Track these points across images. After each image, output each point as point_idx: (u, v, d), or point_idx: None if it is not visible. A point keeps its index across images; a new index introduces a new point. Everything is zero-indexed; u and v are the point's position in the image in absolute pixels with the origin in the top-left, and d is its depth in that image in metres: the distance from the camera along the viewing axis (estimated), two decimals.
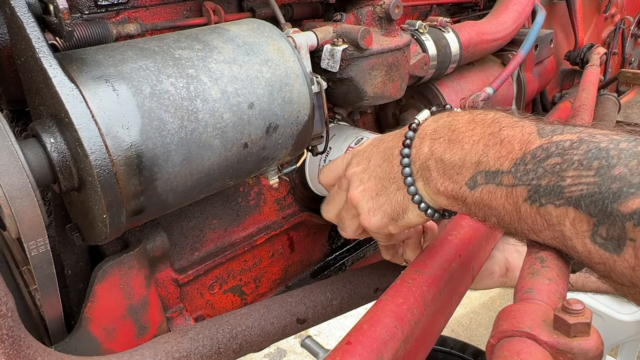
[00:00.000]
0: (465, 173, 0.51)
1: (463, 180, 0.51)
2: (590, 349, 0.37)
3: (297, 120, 0.65)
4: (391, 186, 0.60)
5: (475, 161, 0.50)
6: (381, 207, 0.62)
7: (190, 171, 0.55)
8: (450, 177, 0.52)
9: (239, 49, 0.60)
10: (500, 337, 0.40)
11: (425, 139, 0.56)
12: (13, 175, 0.45)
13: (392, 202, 0.60)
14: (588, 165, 0.41)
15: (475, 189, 0.50)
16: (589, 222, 0.40)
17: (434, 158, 0.54)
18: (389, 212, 0.61)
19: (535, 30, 1.11)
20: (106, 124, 0.47)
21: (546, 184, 0.43)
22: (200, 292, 0.81)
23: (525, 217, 0.46)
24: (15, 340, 0.48)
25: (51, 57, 0.46)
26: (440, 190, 0.54)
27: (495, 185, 0.48)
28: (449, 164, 0.52)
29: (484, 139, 0.50)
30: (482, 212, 0.51)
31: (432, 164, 0.54)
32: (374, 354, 0.53)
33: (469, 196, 0.50)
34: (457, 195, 0.52)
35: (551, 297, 0.42)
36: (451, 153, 0.52)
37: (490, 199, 0.48)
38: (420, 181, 0.56)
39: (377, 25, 0.79)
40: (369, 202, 0.63)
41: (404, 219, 0.61)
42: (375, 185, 0.62)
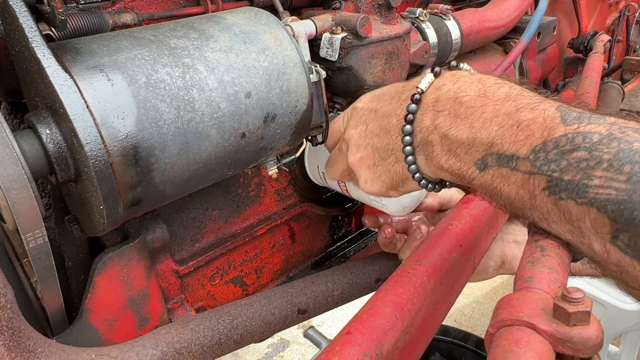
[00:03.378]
0: (474, 153, 0.47)
1: (472, 160, 0.47)
2: (590, 337, 0.37)
3: (296, 109, 0.64)
4: (389, 158, 0.58)
5: (487, 142, 0.46)
6: (379, 177, 0.60)
7: (187, 162, 0.54)
8: (456, 154, 0.49)
9: (236, 37, 0.59)
10: (499, 326, 0.40)
11: (427, 110, 0.51)
12: (8, 167, 0.44)
13: (390, 173, 0.58)
14: (619, 168, 0.38)
15: (486, 170, 0.46)
16: (611, 227, 0.38)
17: (437, 132, 0.50)
18: (387, 182, 0.59)
19: (538, 17, 1.09)
20: (101, 114, 0.47)
21: (570, 179, 0.40)
22: (201, 283, 0.81)
23: (540, 206, 0.43)
24: (15, 332, 0.48)
25: (44, 46, 0.46)
26: (444, 167, 0.51)
27: (510, 169, 0.44)
28: (455, 141, 0.48)
29: (497, 119, 0.46)
30: (489, 193, 0.48)
31: (435, 139, 0.50)
32: (374, 344, 0.53)
33: (477, 177, 0.48)
34: (463, 174, 0.49)
35: (551, 286, 0.42)
36: (457, 130, 0.48)
37: (502, 183, 0.46)
38: (421, 155, 0.53)
39: (377, 13, 0.78)
40: (366, 171, 0.61)
41: (402, 187, 0.60)
42: (373, 155, 0.59)
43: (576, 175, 0.40)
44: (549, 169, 0.42)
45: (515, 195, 0.45)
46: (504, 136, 0.45)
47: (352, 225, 1.07)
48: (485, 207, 0.78)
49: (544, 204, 0.43)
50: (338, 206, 1.00)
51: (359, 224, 1.09)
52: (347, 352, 0.51)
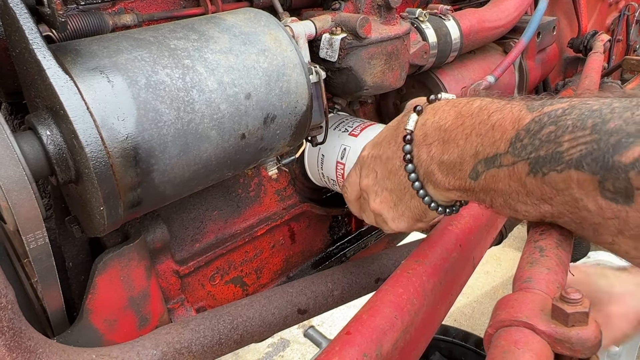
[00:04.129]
0: (466, 167, 0.52)
1: (465, 174, 0.52)
2: (588, 338, 0.37)
3: (295, 110, 0.64)
4: (405, 196, 0.62)
5: (472, 153, 0.51)
6: (403, 214, 0.64)
7: (187, 162, 0.54)
8: (454, 174, 0.54)
9: (236, 38, 0.59)
10: (498, 326, 0.40)
11: (421, 146, 0.57)
12: (9, 168, 0.45)
13: (411, 208, 0.62)
14: (582, 125, 0.41)
15: (479, 178, 0.51)
16: (593, 181, 0.40)
17: (434, 162, 0.55)
18: (411, 216, 0.63)
19: (538, 17, 1.09)
20: (101, 115, 0.47)
21: (545, 154, 0.43)
22: (202, 283, 0.81)
23: (532, 189, 0.46)
24: (16, 332, 0.49)
25: (45, 48, 0.46)
26: (449, 188, 0.55)
27: (497, 168, 0.48)
28: (449, 163, 0.53)
29: (475, 130, 0.50)
30: (489, 197, 0.51)
31: (434, 168, 0.55)
32: (374, 344, 0.53)
33: (475, 186, 0.52)
34: (465, 187, 0.53)
35: (550, 287, 0.42)
36: (448, 153, 0.53)
37: (495, 182, 0.49)
38: (429, 185, 0.58)
39: (376, 14, 0.78)
40: (389, 212, 0.64)
41: (427, 218, 0.63)
42: (390, 197, 0.64)
43: (549, 148, 0.43)
44: (526, 153, 0.45)
45: (509, 189, 0.48)
46: (484, 142, 0.49)
47: (352, 225, 1.08)
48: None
49: (534, 186, 0.45)
50: (338, 206, 1.00)
51: (359, 224, 1.09)
52: (346, 352, 0.51)
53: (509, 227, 1.14)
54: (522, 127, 0.46)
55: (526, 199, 0.47)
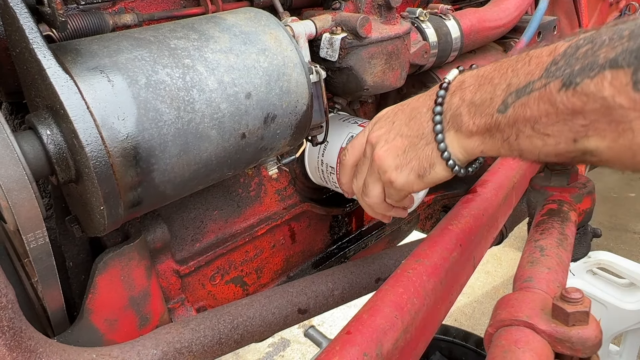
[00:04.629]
0: (496, 102, 0.52)
1: (494, 109, 0.52)
2: (588, 337, 0.37)
3: (296, 110, 0.64)
4: (420, 142, 0.61)
5: (504, 87, 0.51)
6: (409, 163, 0.62)
7: (187, 162, 0.54)
8: (481, 113, 0.54)
9: (236, 38, 0.59)
10: (498, 326, 0.40)
11: (455, 91, 0.57)
12: (9, 168, 0.45)
13: (419, 157, 0.61)
14: (619, 35, 0.41)
15: (507, 109, 0.50)
16: (626, 74, 0.41)
17: (465, 104, 0.55)
18: (416, 168, 0.61)
19: (538, 16, 1.09)
20: (102, 115, 0.47)
21: (580, 67, 0.44)
22: (202, 283, 0.81)
23: (562, 106, 0.45)
24: (16, 332, 0.48)
25: (45, 48, 0.46)
26: (473, 131, 0.55)
27: (527, 95, 0.48)
28: (480, 102, 0.53)
29: (512, 67, 0.51)
30: (515, 130, 0.51)
31: (463, 110, 0.55)
32: (374, 344, 0.53)
33: (502, 120, 0.51)
34: (490, 125, 0.53)
35: (550, 286, 0.42)
36: (481, 93, 0.53)
37: (523, 109, 0.49)
38: (450, 131, 0.57)
39: (377, 13, 0.78)
40: (395, 159, 0.63)
41: (430, 175, 0.61)
42: (402, 143, 0.62)
43: (585, 62, 0.43)
44: (560, 73, 0.45)
45: (538, 112, 0.47)
46: (519, 74, 0.49)
47: (352, 225, 1.08)
48: (486, 207, 0.78)
49: (564, 102, 0.45)
50: (338, 206, 1.00)
51: (359, 224, 1.09)
52: (347, 351, 0.51)
53: (509, 226, 1.14)
54: (559, 53, 0.46)
55: (555, 120, 0.46)
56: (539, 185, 0.77)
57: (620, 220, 2.85)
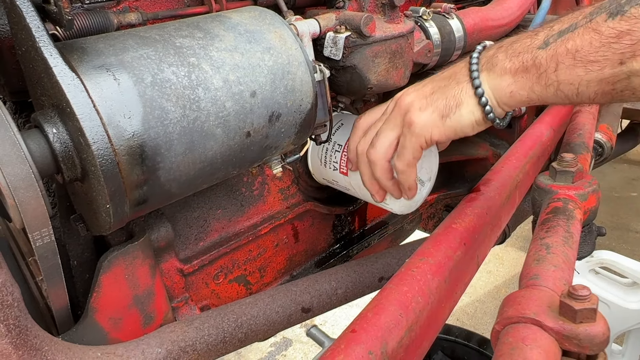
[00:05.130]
0: (536, 43, 0.53)
1: (534, 48, 0.53)
2: (596, 334, 0.37)
3: (300, 108, 0.64)
4: (450, 83, 0.61)
5: (546, 32, 0.52)
6: (434, 102, 0.61)
7: (193, 160, 0.54)
8: (519, 52, 0.55)
9: (241, 37, 0.59)
10: (505, 323, 0.40)
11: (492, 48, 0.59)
12: (16, 166, 0.45)
13: (447, 96, 0.61)
14: None
15: (548, 46, 0.52)
16: None
17: (502, 49, 0.57)
18: (440, 107, 0.61)
19: (541, 15, 1.09)
20: (108, 113, 0.47)
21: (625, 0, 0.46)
22: (206, 282, 0.81)
23: (608, 33, 0.47)
24: (22, 330, 0.49)
25: (51, 46, 0.46)
26: (506, 68, 0.56)
27: (570, 32, 0.50)
28: (519, 46, 0.55)
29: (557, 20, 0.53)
30: (555, 62, 0.51)
31: (500, 54, 0.57)
32: (379, 342, 0.53)
33: (541, 54, 0.52)
34: (526, 63, 0.54)
35: (557, 283, 0.42)
36: (521, 41, 0.55)
37: (566, 42, 0.50)
38: (483, 72, 0.58)
39: (380, 12, 0.78)
40: (421, 100, 0.63)
41: (454, 115, 0.60)
42: (432, 87, 0.63)
43: None
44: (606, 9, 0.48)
45: (581, 42, 0.49)
46: (563, 20, 0.52)
47: (355, 224, 1.08)
48: (489, 206, 0.78)
49: (611, 28, 0.47)
50: (342, 205, 1.00)
51: (362, 223, 1.09)
52: (352, 350, 0.51)
53: (512, 226, 1.14)
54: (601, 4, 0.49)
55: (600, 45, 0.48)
56: (544, 184, 0.77)
57: (622, 219, 2.85)
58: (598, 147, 1.22)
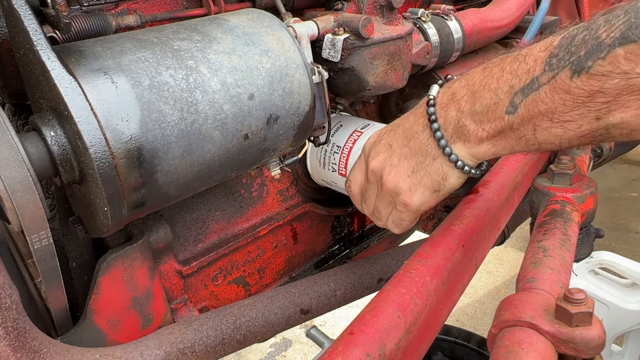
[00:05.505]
0: (502, 106, 0.52)
1: (502, 112, 0.52)
2: (592, 338, 0.37)
3: (298, 110, 0.64)
4: (426, 159, 0.61)
5: (506, 90, 0.51)
6: (420, 182, 0.62)
7: (190, 163, 0.55)
8: (488, 118, 0.53)
9: (239, 39, 0.60)
10: (501, 326, 0.40)
11: (449, 105, 0.57)
12: (14, 169, 0.45)
13: (430, 174, 0.61)
14: (615, 15, 0.43)
15: (517, 110, 0.51)
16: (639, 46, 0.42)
17: (465, 115, 0.55)
18: (429, 184, 0.61)
19: (540, 16, 1.09)
20: (105, 116, 0.47)
21: (585, 52, 0.45)
22: (204, 284, 0.82)
23: (579, 92, 0.46)
24: (20, 332, 0.49)
25: (49, 49, 0.46)
26: (483, 137, 0.55)
27: (536, 91, 0.49)
28: (483, 109, 0.53)
29: (506, 70, 0.51)
30: (531, 125, 0.51)
31: (466, 121, 0.55)
32: (377, 344, 0.53)
33: (514, 120, 0.51)
34: (502, 129, 0.53)
35: (553, 287, 0.42)
36: (480, 101, 0.53)
37: (536, 105, 0.49)
38: (457, 143, 0.57)
39: (379, 14, 0.78)
40: (406, 180, 0.63)
41: (445, 187, 0.61)
42: (409, 164, 0.62)
43: (587, 46, 0.45)
44: (566, 62, 0.46)
45: (553, 104, 0.48)
46: (518, 73, 0.50)
47: (354, 225, 1.08)
48: (488, 207, 0.78)
49: (580, 88, 0.46)
50: (340, 206, 1.00)
51: (361, 224, 1.09)
52: (349, 352, 0.51)
53: (511, 227, 1.14)
54: (554, 46, 0.47)
55: (574, 105, 0.47)
56: (542, 186, 0.77)
57: (622, 220, 2.85)
58: (597, 149, 1.22)
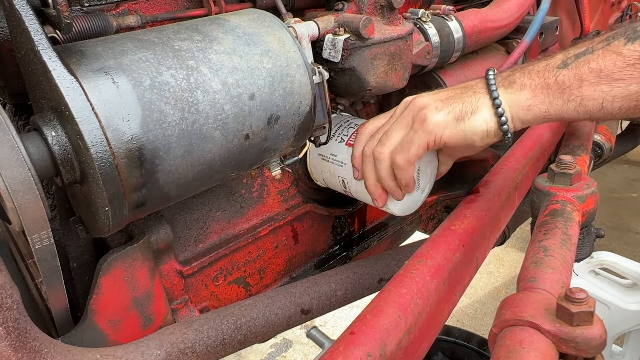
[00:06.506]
0: (553, 63, 0.56)
1: (552, 67, 0.56)
2: (593, 337, 0.37)
3: (299, 111, 0.64)
4: (467, 92, 0.63)
5: (561, 55, 0.55)
6: (450, 105, 0.63)
7: (191, 163, 0.55)
8: (537, 72, 0.57)
9: (239, 39, 0.60)
10: (502, 326, 0.40)
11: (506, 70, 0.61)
12: (15, 169, 0.45)
13: (464, 102, 0.62)
14: None
15: (568, 66, 0.55)
16: None
17: (517, 70, 0.59)
18: (456, 110, 0.62)
19: (540, 17, 1.09)
20: (106, 116, 0.47)
21: None
22: (205, 284, 0.82)
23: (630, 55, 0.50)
24: (21, 333, 0.49)
25: (50, 49, 0.46)
26: (527, 84, 0.58)
27: (589, 54, 0.53)
28: (534, 67, 0.57)
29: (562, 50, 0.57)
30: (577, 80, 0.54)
31: (516, 73, 0.59)
32: (377, 344, 0.54)
33: (563, 73, 0.55)
34: (547, 80, 0.56)
35: (554, 286, 0.42)
36: (536, 63, 0.58)
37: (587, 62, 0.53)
38: (501, 88, 0.60)
39: (379, 14, 0.78)
40: (437, 102, 0.63)
41: (468, 120, 0.61)
42: (447, 93, 0.64)
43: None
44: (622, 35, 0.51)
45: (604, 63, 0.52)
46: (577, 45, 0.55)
47: (355, 225, 1.08)
48: (488, 207, 0.78)
49: (632, 51, 0.51)
50: (341, 207, 1.00)
51: (362, 225, 1.09)
52: (350, 352, 0.51)
53: (511, 227, 1.14)
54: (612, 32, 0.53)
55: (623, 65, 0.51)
56: (542, 186, 0.77)
57: (622, 220, 2.85)
58: (597, 149, 1.22)
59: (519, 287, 0.44)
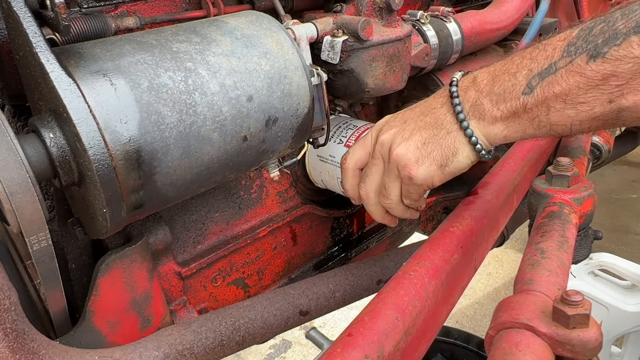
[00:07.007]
0: (519, 86, 0.54)
1: (518, 93, 0.54)
2: (589, 340, 0.37)
3: (297, 112, 0.64)
4: (440, 132, 0.62)
5: (525, 73, 0.54)
6: (430, 154, 0.63)
7: (189, 165, 0.55)
8: (504, 99, 0.56)
9: (238, 41, 0.60)
10: (499, 328, 0.40)
11: (469, 87, 0.59)
12: (13, 171, 0.45)
13: (441, 147, 0.62)
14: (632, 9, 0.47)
15: (533, 91, 0.53)
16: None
17: (484, 95, 0.57)
18: (438, 158, 0.62)
19: (539, 18, 1.09)
20: (104, 118, 0.47)
21: (602, 40, 0.48)
22: (204, 285, 0.82)
23: (593, 75, 0.49)
24: (19, 334, 0.49)
25: (48, 51, 0.46)
26: (497, 117, 0.57)
27: (552, 74, 0.51)
28: (500, 91, 0.56)
29: (527, 56, 0.54)
30: (545, 107, 0.53)
31: (484, 100, 0.57)
32: (375, 346, 0.53)
33: (529, 101, 0.54)
34: (516, 108, 0.55)
35: (550, 289, 0.42)
36: (500, 83, 0.56)
37: (551, 87, 0.52)
38: (472, 121, 0.59)
39: (378, 16, 0.78)
40: (415, 152, 0.63)
41: (452, 164, 0.62)
42: (421, 136, 0.63)
43: (605, 35, 0.48)
44: (583, 49, 0.49)
45: (567, 86, 0.51)
46: (537, 59, 0.53)
47: (353, 226, 1.08)
48: (487, 209, 0.78)
49: (594, 71, 0.49)
50: (340, 208, 1.00)
51: (361, 226, 1.09)
52: (348, 354, 0.51)
53: (510, 228, 1.14)
54: (573, 37, 0.50)
55: (587, 88, 0.50)
56: (540, 188, 0.77)
57: (621, 221, 2.85)
58: (595, 150, 1.22)
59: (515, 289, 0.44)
